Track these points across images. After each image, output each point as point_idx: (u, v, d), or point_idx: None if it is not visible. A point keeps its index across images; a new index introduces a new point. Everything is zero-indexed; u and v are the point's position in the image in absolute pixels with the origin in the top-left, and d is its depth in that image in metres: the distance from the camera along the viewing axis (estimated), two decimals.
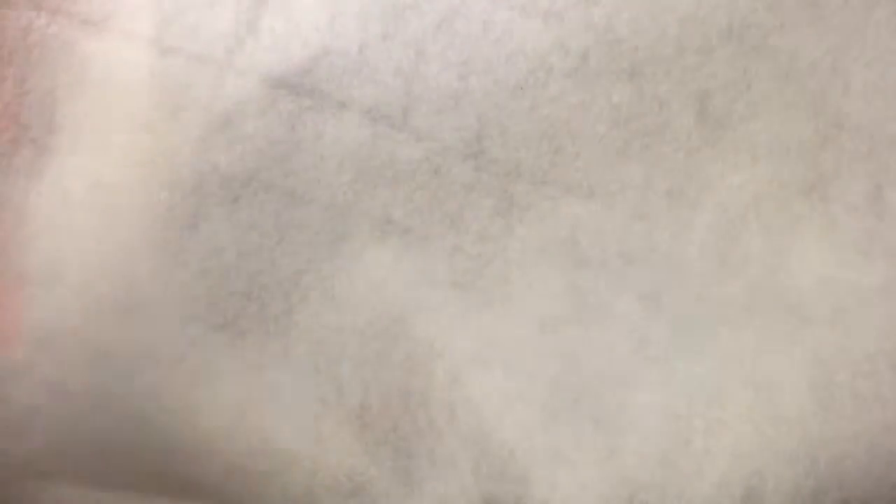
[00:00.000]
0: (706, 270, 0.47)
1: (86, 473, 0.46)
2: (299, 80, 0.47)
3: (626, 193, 0.48)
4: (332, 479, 0.46)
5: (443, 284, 0.47)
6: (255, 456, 0.46)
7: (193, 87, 0.47)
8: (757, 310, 0.47)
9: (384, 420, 0.47)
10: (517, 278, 0.47)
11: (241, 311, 0.47)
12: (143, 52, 0.47)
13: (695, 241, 0.47)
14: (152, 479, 0.46)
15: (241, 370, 0.47)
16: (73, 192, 0.47)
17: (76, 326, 0.46)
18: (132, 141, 0.47)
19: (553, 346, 0.47)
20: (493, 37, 0.47)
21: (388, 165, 0.47)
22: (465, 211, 0.48)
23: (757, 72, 0.48)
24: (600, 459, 0.46)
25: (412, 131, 0.47)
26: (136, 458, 0.46)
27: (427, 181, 0.48)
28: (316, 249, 0.47)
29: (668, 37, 0.47)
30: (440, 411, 0.46)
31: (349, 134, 0.47)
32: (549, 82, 0.47)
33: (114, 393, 0.46)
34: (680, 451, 0.46)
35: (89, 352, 0.46)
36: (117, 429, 0.46)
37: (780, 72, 0.48)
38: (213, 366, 0.47)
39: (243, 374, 0.47)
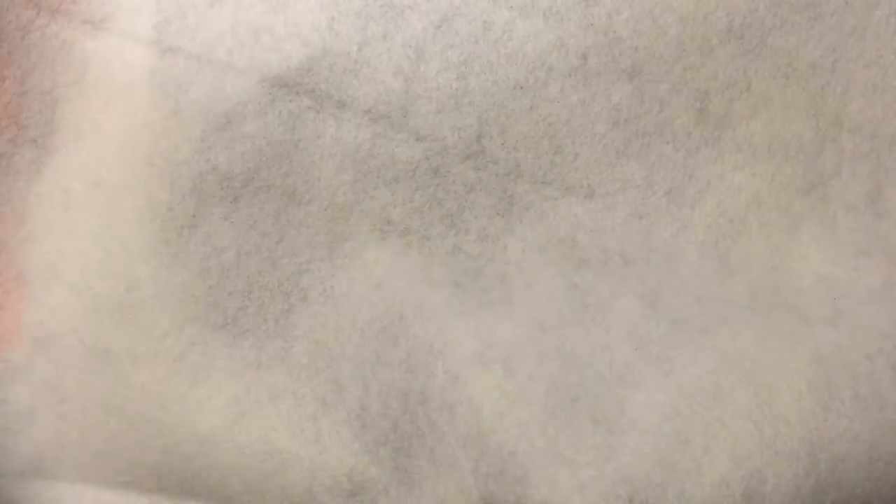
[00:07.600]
0: (706, 270, 0.47)
1: (86, 473, 0.46)
2: (299, 80, 0.47)
3: (626, 193, 0.48)
4: (332, 479, 0.46)
5: (443, 284, 0.47)
6: (255, 456, 0.46)
7: (193, 87, 0.47)
8: (757, 310, 0.47)
9: (384, 420, 0.47)
10: (517, 278, 0.47)
11: (241, 311, 0.47)
12: (143, 52, 0.47)
13: (695, 241, 0.47)
14: (152, 479, 0.46)
15: (240, 370, 0.47)
16: (73, 192, 0.47)
17: (76, 326, 0.46)
18: (132, 141, 0.47)
19: (553, 346, 0.47)
20: (493, 37, 0.47)
21: (388, 165, 0.47)
22: (465, 211, 0.48)
23: (757, 72, 0.48)
24: (600, 459, 0.46)
25: (412, 131, 0.47)
26: (136, 457, 0.46)
27: (427, 181, 0.48)
28: (316, 249, 0.47)
29: (668, 37, 0.47)
30: (440, 411, 0.46)
31: (349, 134, 0.47)
32: (549, 82, 0.47)
33: (114, 393, 0.46)
34: (680, 450, 0.46)
35: (89, 352, 0.46)
36: (117, 429, 0.46)
37: (780, 72, 0.48)
38: (212, 365, 0.47)
39: (243, 374, 0.47)
